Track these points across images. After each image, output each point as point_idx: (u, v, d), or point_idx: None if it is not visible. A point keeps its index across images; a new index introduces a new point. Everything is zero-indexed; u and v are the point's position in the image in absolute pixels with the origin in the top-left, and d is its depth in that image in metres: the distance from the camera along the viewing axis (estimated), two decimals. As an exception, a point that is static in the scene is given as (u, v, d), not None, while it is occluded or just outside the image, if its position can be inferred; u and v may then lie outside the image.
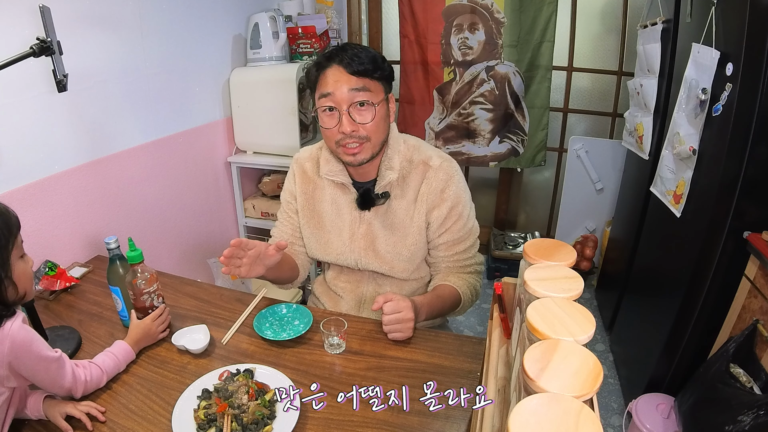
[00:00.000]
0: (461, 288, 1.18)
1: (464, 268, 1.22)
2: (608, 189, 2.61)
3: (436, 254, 1.21)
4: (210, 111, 2.01)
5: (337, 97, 1.04)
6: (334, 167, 1.17)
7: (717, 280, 1.36)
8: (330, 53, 1.08)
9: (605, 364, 2.08)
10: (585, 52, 2.54)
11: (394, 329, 1.03)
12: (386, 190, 1.16)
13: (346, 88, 1.03)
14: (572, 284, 0.58)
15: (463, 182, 1.19)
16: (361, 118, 1.05)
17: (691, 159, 1.42)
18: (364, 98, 1.04)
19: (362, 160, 1.09)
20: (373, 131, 1.07)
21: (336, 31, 2.45)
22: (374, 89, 1.07)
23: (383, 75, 1.08)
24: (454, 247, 1.19)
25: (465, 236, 1.19)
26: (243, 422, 0.81)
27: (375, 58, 1.07)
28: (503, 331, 0.84)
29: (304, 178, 1.24)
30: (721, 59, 1.28)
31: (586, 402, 0.42)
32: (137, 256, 1.01)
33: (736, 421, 1.10)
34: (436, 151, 1.19)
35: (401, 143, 1.18)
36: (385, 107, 1.10)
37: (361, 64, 1.04)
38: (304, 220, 1.25)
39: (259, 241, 1.02)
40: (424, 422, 0.85)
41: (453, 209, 1.15)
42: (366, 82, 1.05)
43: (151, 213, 1.75)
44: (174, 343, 1.03)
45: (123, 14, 1.53)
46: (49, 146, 1.36)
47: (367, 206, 1.17)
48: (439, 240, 1.18)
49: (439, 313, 1.17)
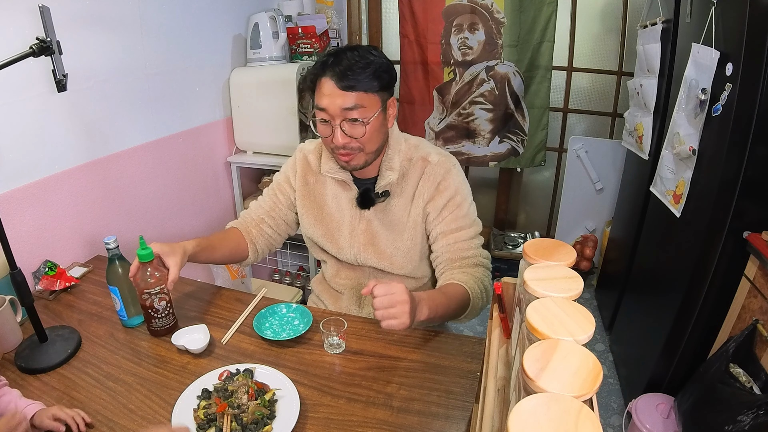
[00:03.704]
0: (467, 283, 1.09)
1: (466, 260, 1.14)
2: (608, 189, 2.62)
3: (436, 247, 1.17)
4: (210, 111, 2.01)
5: (330, 111, 1.02)
6: (335, 165, 1.17)
7: (717, 280, 1.36)
8: (324, 61, 1.03)
9: (605, 364, 2.08)
10: (585, 52, 2.54)
11: (387, 314, 0.89)
12: (386, 189, 1.16)
13: (338, 104, 1.01)
14: (572, 284, 0.58)
15: (461, 175, 1.17)
16: (353, 131, 1.04)
17: (691, 159, 1.42)
18: (355, 116, 1.02)
19: (355, 166, 1.10)
20: (366, 142, 1.06)
21: (336, 31, 2.45)
22: (369, 103, 1.03)
23: (381, 85, 1.04)
24: (452, 236, 1.14)
25: (465, 226, 1.15)
26: (243, 422, 0.81)
27: (370, 68, 1.01)
28: (503, 331, 0.84)
29: (307, 169, 1.24)
30: (721, 59, 1.28)
31: (586, 402, 0.42)
32: (147, 255, 1.01)
33: (736, 421, 1.11)
34: (436, 148, 1.19)
35: (402, 142, 1.17)
36: (381, 117, 1.07)
37: (354, 79, 0.99)
38: (304, 210, 1.24)
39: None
40: (424, 422, 0.85)
41: (451, 200, 1.13)
42: (359, 97, 1.01)
43: (151, 213, 1.75)
44: (174, 342, 1.03)
45: (123, 14, 1.53)
46: (49, 146, 1.36)
47: (367, 206, 1.17)
48: (437, 230, 1.15)
49: (446, 311, 1.03)
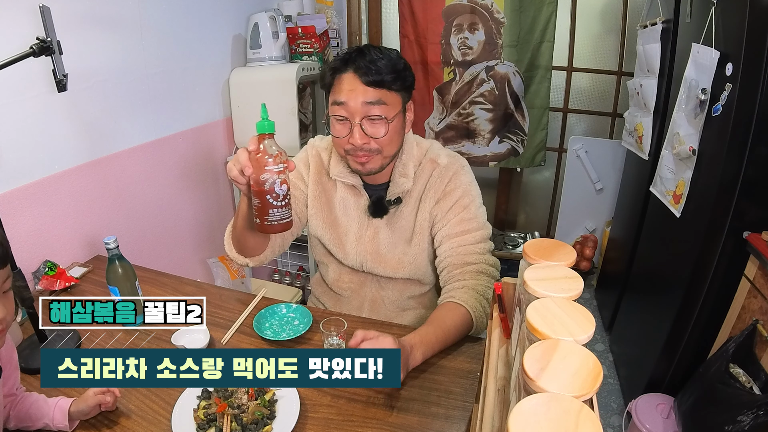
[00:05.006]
0: (468, 303, 1.01)
1: (469, 266, 1.07)
2: (608, 189, 2.62)
3: (440, 251, 1.12)
4: (210, 111, 2.01)
5: (350, 107, 0.98)
6: (345, 168, 1.12)
7: (717, 280, 1.36)
8: (347, 57, 1.00)
9: (605, 364, 2.08)
10: (585, 52, 2.54)
11: None
12: (399, 196, 1.11)
13: (360, 99, 0.97)
14: (572, 284, 0.58)
15: (469, 176, 1.12)
16: (373, 131, 0.99)
17: (691, 159, 1.42)
18: (378, 113, 0.98)
19: (371, 170, 1.05)
20: (386, 145, 1.01)
21: (336, 31, 2.45)
22: (391, 101, 0.99)
23: (403, 86, 1.01)
24: (456, 239, 1.09)
25: (471, 229, 1.09)
26: (243, 422, 0.81)
27: (396, 67, 0.99)
28: (503, 331, 0.84)
29: (320, 166, 1.18)
30: (721, 59, 1.28)
31: (586, 402, 0.42)
32: (270, 126, 0.83)
33: (736, 421, 1.11)
34: (446, 150, 1.15)
35: (414, 147, 1.13)
36: (401, 119, 1.03)
37: (379, 74, 0.96)
38: (315, 210, 1.19)
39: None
40: (424, 422, 0.85)
41: (457, 201, 1.09)
42: (383, 94, 0.98)
43: (151, 213, 1.75)
44: (174, 343, 1.03)
45: (123, 14, 1.53)
46: (49, 146, 1.36)
47: (380, 214, 1.12)
48: (442, 233, 1.10)
49: (443, 345, 0.98)
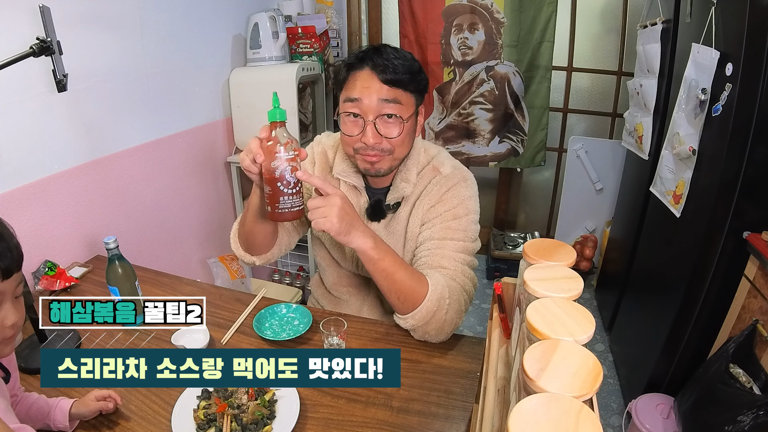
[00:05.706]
0: (433, 278, 0.95)
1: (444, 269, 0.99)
2: (608, 189, 2.62)
3: (418, 251, 1.06)
4: (210, 111, 2.01)
5: (365, 104, 0.95)
6: (349, 168, 1.10)
7: (717, 280, 1.36)
8: (363, 54, 0.98)
9: (605, 364, 2.08)
10: (585, 52, 2.54)
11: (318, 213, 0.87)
12: (398, 201, 1.10)
13: (375, 97, 0.95)
14: (572, 284, 0.58)
15: (470, 191, 1.07)
16: (386, 131, 0.97)
17: (691, 159, 1.42)
18: (393, 111, 0.96)
19: (379, 170, 1.02)
20: (398, 145, 0.99)
21: (336, 31, 2.45)
22: (406, 102, 0.98)
23: (417, 88, 1.00)
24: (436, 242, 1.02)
25: (457, 238, 1.02)
26: (243, 422, 0.81)
27: (412, 68, 0.97)
28: (503, 331, 0.84)
29: (324, 166, 1.15)
30: (721, 59, 1.28)
31: (586, 402, 0.42)
32: (282, 114, 0.84)
33: (736, 422, 1.11)
34: (453, 160, 1.11)
35: (422, 153, 1.11)
36: (413, 122, 1.02)
37: (396, 73, 0.95)
38: None
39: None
40: (424, 422, 0.85)
41: (450, 210, 1.04)
42: (398, 93, 0.96)
43: (150, 213, 1.75)
44: (174, 343, 1.03)
45: (123, 14, 1.53)
46: (49, 146, 1.36)
47: (378, 218, 1.11)
48: (423, 235, 1.05)
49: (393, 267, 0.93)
